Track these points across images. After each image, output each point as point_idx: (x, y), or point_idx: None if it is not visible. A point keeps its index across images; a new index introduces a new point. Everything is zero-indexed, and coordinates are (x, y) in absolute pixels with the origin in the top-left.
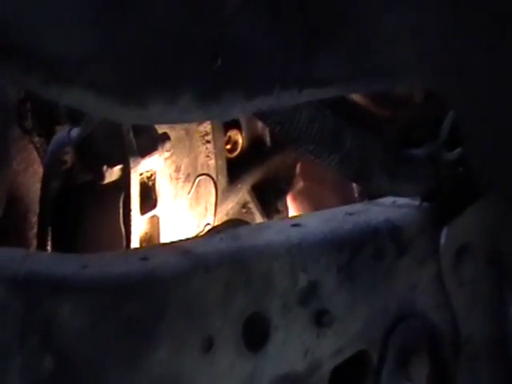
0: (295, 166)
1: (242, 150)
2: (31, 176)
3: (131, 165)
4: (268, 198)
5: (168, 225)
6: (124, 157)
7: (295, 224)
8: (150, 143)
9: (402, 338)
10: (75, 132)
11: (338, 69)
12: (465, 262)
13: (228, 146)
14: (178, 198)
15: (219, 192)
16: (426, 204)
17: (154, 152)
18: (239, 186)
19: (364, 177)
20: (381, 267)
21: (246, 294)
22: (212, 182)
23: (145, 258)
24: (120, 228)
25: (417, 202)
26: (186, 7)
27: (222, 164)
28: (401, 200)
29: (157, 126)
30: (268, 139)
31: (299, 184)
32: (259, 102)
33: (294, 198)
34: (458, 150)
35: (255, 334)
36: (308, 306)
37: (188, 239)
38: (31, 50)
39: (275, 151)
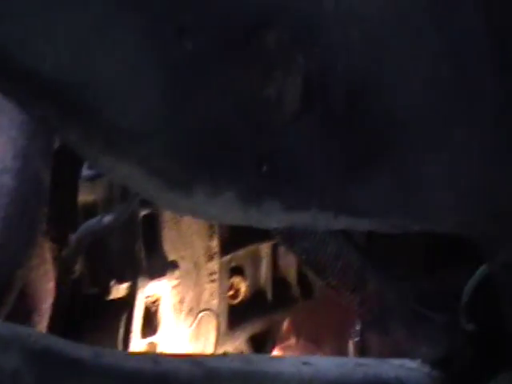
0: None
1: (243, 298)
2: (42, 275)
3: (139, 284)
4: (265, 351)
5: None
6: (133, 275)
7: (306, 362)
8: (160, 267)
9: None
10: (107, 219)
11: (373, 202)
12: None
13: (231, 292)
14: (178, 330)
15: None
16: (436, 371)
17: (163, 277)
18: (238, 333)
19: (381, 324)
20: None
21: None
22: (214, 321)
23: (157, 362)
24: (117, 348)
25: (427, 368)
26: (241, 112)
27: (224, 307)
28: (410, 363)
29: (168, 253)
30: (270, 293)
31: (290, 340)
32: (296, 217)
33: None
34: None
35: None
36: None
37: (198, 354)
38: (92, 117)
39: (276, 305)
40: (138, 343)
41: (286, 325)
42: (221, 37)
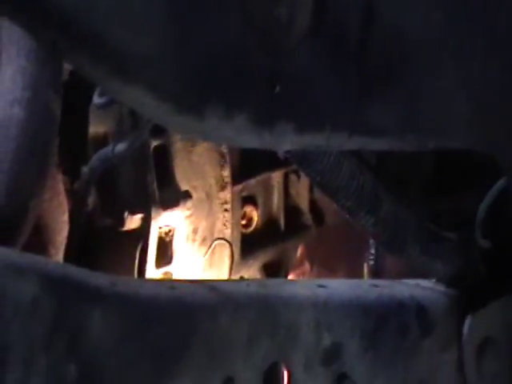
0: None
1: (256, 227)
2: (56, 207)
3: (152, 215)
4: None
5: None
6: (146, 206)
7: (321, 285)
8: (172, 197)
9: None
10: (119, 148)
11: (389, 120)
12: (487, 355)
13: (243, 221)
14: (192, 259)
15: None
16: (451, 289)
17: (176, 207)
18: (251, 261)
19: (396, 244)
20: (403, 343)
21: (270, 341)
22: (228, 249)
23: (172, 287)
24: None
25: (442, 287)
26: (252, 32)
27: (237, 236)
28: (425, 282)
29: (180, 184)
30: (282, 221)
31: (304, 267)
32: (309, 138)
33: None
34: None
35: None
36: (330, 367)
37: (214, 280)
38: (100, 40)
39: (289, 233)
40: (152, 273)
41: (299, 251)
42: None
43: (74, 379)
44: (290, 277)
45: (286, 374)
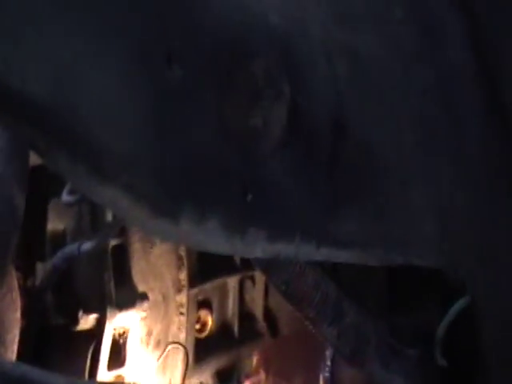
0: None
1: (210, 332)
2: (9, 303)
3: (107, 316)
4: None
5: None
6: (102, 306)
7: None
8: (129, 298)
9: None
10: (88, 245)
11: (357, 234)
12: None
13: (197, 326)
14: (145, 362)
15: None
16: None
17: (132, 308)
18: (204, 367)
19: (358, 358)
20: None
21: None
22: (181, 354)
23: None
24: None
25: None
26: (228, 140)
27: (191, 340)
28: None
29: (137, 284)
30: (236, 327)
31: (260, 375)
32: (280, 247)
33: None
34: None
35: None
36: None
37: None
38: (78, 139)
39: (243, 340)
40: (104, 375)
41: (255, 359)
42: (208, 64)
43: None
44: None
45: None
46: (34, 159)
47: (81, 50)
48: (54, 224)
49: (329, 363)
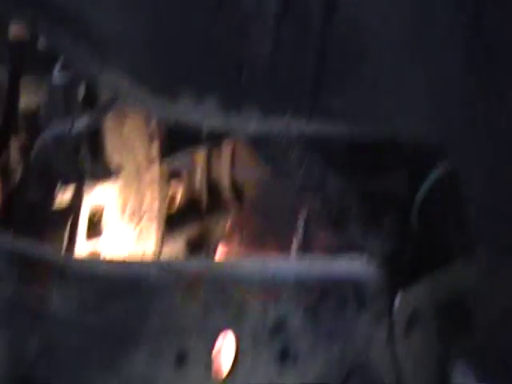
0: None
1: (180, 204)
2: None
3: (84, 188)
4: (202, 253)
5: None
6: (79, 178)
7: (264, 262)
8: (105, 170)
9: None
10: (82, 122)
11: (345, 108)
12: (415, 329)
13: (168, 197)
14: (122, 233)
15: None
16: (384, 267)
17: (108, 180)
18: (176, 237)
19: (341, 223)
20: (342, 316)
21: (221, 316)
22: (155, 224)
23: (126, 266)
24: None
25: (375, 264)
26: (222, 20)
27: (164, 210)
28: (360, 260)
29: (111, 158)
30: (205, 198)
31: (233, 241)
32: (272, 122)
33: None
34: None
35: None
36: (275, 340)
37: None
38: (82, 20)
39: (211, 210)
40: (83, 245)
41: (228, 226)
42: None
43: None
44: (219, 251)
45: (233, 347)
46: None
47: None
48: (27, 100)
49: (301, 230)
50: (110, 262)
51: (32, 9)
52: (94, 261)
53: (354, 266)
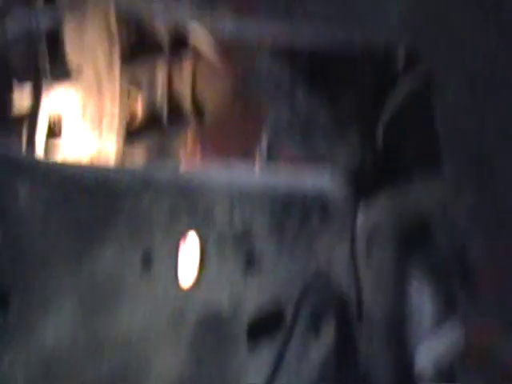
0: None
1: (140, 121)
2: None
3: (43, 88)
4: None
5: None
6: (37, 76)
7: (232, 170)
8: (64, 70)
9: (314, 299)
10: (47, 18)
11: (319, 9)
12: (375, 242)
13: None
14: (81, 133)
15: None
16: (347, 179)
17: (67, 80)
18: (136, 145)
19: (307, 135)
20: (306, 227)
21: (188, 220)
22: (115, 130)
23: (94, 170)
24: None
25: (339, 176)
26: None
27: (123, 117)
28: (325, 172)
29: (70, 59)
30: (165, 114)
31: (197, 153)
32: (246, 24)
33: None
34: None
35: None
36: (240, 247)
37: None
38: None
39: (172, 122)
40: (42, 146)
41: (189, 137)
42: None
43: None
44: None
45: (199, 251)
46: None
47: None
48: None
49: (265, 145)
50: (79, 166)
51: None
52: (62, 163)
53: (319, 177)
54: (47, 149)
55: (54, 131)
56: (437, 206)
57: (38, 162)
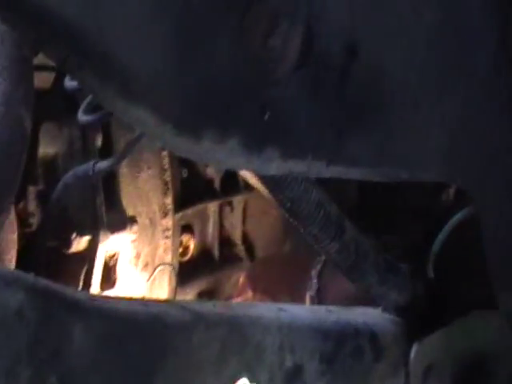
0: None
1: (192, 256)
2: (7, 225)
3: (100, 238)
4: None
5: None
6: (94, 229)
7: (282, 308)
8: (119, 222)
9: None
10: (104, 165)
11: (366, 152)
12: (431, 381)
13: (180, 250)
14: (135, 284)
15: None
16: (400, 317)
17: (122, 231)
18: (187, 290)
19: (358, 272)
20: (358, 367)
21: (238, 359)
22: (168, 276)
23: (146, 305)
24: None
25: (390, 315)
26: (247, 61)
27: (176, 263)
28: (374, 310)
29: (126, 209)
30: (217, 251)
31: (247, 294)
32: (292, 164)
33: None
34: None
35: None
36: None
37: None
38: (108, 59)
39: (222, 263)
40: (98, 288)
41: (241, 279)
42: None
43: None
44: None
45: None
46: None
47: None
48: (45, 148)
49: (315, 281)
50: (130, 300)
51: (64, 45)
52: (114, 299)
53: (370, 315)
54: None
55: (108, 278)
56: (495, 341)
57: (92, 300)
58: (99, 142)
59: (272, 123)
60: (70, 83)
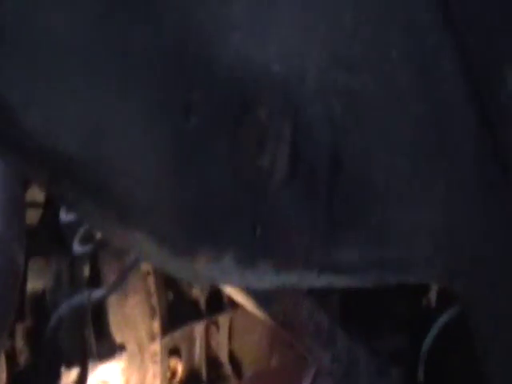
0: None
1: (180, 379)
2: None
3: (89, 368)
4: None
5: None
6: (83, 360)
7: None
8: (108, 350)
9: None
10: (97, 294)
11: (354, 259)
12: None
13: (168, 374)
14: None
15: None
16: None
17: (111, 360)
18: None
19: (350, 379)
20: None
21: None
22: None
23: None
24: None
25: None
26: (239, 181)
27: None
28: None
29: (115, 337)
30: (204, 372)
31: None
32: (284, 277)
33: None
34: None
35: None
36: None
37: None
38: (106, 190)
39: (212, 382)
40: None
41: None
42: (221, 113)
43: None
44: None
45: None
46: None
47: (106, 106)
48: (33, 283)
49: None
50: None
51: (65, 181)
52: None
53: None
54: None
55: None
56: None
57: None
58: (86, 272)
59: (263, 237)
60: (65, 217)
